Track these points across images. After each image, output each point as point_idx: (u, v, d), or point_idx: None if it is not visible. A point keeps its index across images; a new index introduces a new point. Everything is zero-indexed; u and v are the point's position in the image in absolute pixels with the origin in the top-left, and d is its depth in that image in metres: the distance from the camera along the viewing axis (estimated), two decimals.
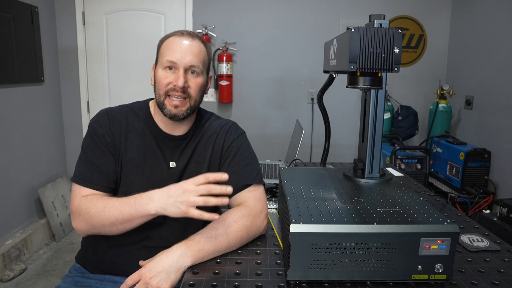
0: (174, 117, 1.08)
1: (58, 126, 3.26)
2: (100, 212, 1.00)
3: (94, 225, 1.03)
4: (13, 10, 2.57)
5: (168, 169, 1.12)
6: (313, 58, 3.27)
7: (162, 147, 1.13)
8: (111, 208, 1.00)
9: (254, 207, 1.05)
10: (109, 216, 0.99)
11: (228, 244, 0.97)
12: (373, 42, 0.82)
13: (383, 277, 0.80)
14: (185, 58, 1.06)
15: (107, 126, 1.10)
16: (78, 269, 1.18)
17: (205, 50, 1.12)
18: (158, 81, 1.09)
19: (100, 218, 1.00)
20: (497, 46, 2.75)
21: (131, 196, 0.99)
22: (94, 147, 1.09)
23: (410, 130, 3.19)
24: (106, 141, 1.08)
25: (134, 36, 3.22)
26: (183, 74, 1.06)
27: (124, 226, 1.01)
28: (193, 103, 1.10)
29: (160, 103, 1.09)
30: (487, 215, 2.05)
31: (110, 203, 1.01)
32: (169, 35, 1.11)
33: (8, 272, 2.35)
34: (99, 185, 1.07)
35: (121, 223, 0.99)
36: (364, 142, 1.10)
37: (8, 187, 2.59)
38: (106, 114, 1.12)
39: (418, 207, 0.88)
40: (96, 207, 1.01)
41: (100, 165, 1.07)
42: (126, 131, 1.11)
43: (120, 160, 1.10)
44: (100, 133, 1.09)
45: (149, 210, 0.95)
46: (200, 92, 1.11)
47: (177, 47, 1.07)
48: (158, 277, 0.86)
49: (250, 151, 1.19)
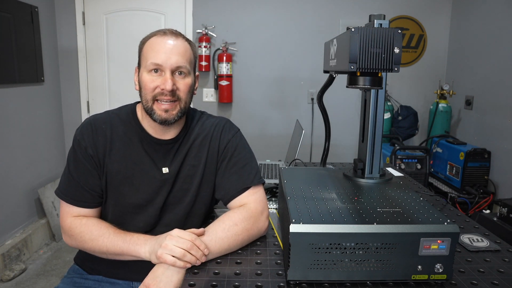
0: (164, 122, 1.03)
1: (58, 126, 3.26)
2: (94, 240, 1.00)
3: (85, 248, 1.04)
4: (13, 10, 2.57)
5: (161, 176, 1.08)
6: (313, 58, 3.27)
7: (151, 154, 1.08)
8: (106, 239, 0.99)
9: (255, 209, 1.04)
10: (101, 246, 0.99)
11: (229, 247, 0.96)
12: (373, 42, 0.82)
13: (383, 277, 0.80)
14: (171, 59, 1.00)
15: (90, 138, 1.05)
16: (76, 270, 1.18)
17: (190, 48, 1.06)
18: (144, 85, 1.02)
19: (92, 245, 1.01)
20: (497, 46, 2.75)
21: (129, 234, 0.99)
22: (76, 161, 1.06)
23: (410, 130, 3.19)
24: (88, 154, 1.05)
25: (134, 36, 3.19)
26: (170, 77, 1.00)
27: (114, 257, 1.01)
28: (183, 105, 1.05)
29: (148, 109, 1.03)
30: (487, 215, 2.06)
31: (106, 234, 1.00)
32: (151, 35, 1.05)
33: (8, 272, 2.35)
34: (85, 203, 1.06)
35: (112, 254, 1.00)
36: (364, 142, 1.10)
37: (8, 187, 2.59)
38: (90, 124, 1.08)
39: (418, 207, 0.88)
40: (91, 234, 1.01)
41: (82, 182, 1.05)
42: (111, 141, 1.06)
43: (105, 173, 1.06)
44: (83, 146, 1.05)
45: (140, 253, 0.95)
46: (189, 93, 1.06)
47: (161, 48, 1.01)
48: (161, 282, 0.86)
49: (246, 149, 1.15)
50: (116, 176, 1.07)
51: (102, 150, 1.06)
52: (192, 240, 0.87)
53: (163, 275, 0.86)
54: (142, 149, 1.08)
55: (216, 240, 0.94)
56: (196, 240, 0.88)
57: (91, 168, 1.05)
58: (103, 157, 1.06)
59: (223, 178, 1.11)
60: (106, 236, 1.00)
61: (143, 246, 0.95)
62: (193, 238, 0.88)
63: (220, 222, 0.99)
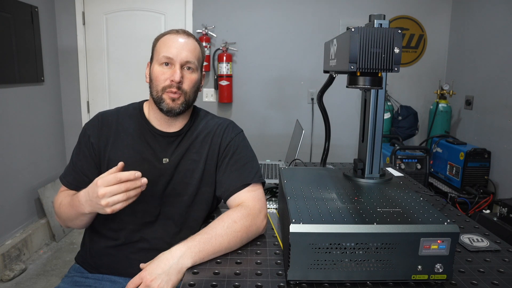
0: (171, 111, 1.09)
1: (58, 126, 3.26)
2: (58, 208, 1.11)
3: (60, 218, 1.13)
4: (13, 10, 2.57)
5: (160, 165, 1.12)
6: (313, 58, 3.27)
7: (153, 144, 1.14)
8: (63, 206, 1.09)
9: (253, 207, 1.05)
10: (63, 212, 1.09)
11: (228, 245, 0.96)
12: (373, 42, 0.82)
13: (383, 277, 0.80)
14: (181, 54, 1.08)
15: (96, 128, 1.14)
16: (77, 269, 1.18)
17: (199, 48, 1.15)
18: (155, 77, 1.10)
19: (59, 212, 1.11)
20: (497, 46, 2.75)
21: (74, 195, 1.05)
22: (78, 147, 1.16)
23: (410, 130, 3.19)
24: (90, 142, 1.13)
25: (134, 36, 3.22)
26: (179, 69, 1.08)
27: (78, 222, 1.08)
28: (188, 98, 1.11)
29: (157, 98, 1.10)
30: (487, 215, 2.06)
31: (64, 201, 1.09)
32: (165, 33, 1.14)
33: (8, 272, 2.35)
34: (78, 187, 1.10)
35: (73, 219, 1.08)
36: (364, 142, 1.10)
37: (8, 187, 2.59)
38: (98, 117, 1.17)
39: (418, 207, 0.88)
40: (57, 202, 1.13)
41: (78, 166, 1.14)
42: (116, 132, 1.14)
43: (106, 162, 1.12)
44: (87, 134, 1.15)
45: (83, 210, 0.99)
46: (194, 88, 1.13)
47: (173, 43, 1.10)
48: (159, 279, 0.86)
49: (248, 149, 1.19)
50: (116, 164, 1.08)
51: (104, 139, 1.13)
52: (117, 179, 0.89)
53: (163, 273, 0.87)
54: (145, 140, 1.14)
55: (216, 237, 0.95)
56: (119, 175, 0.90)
57: (89, 155, 1.13)
58: (104, 145, 1.13)
59: (224, 175, 1.13)
60: (63, 203, 1.09)
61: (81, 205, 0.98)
62: (117, 179, 0.89)
63: (220, 220, 1.00)
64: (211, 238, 0.94)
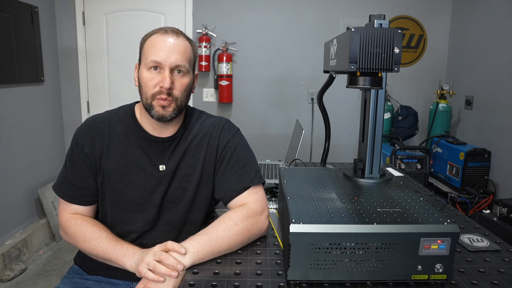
0: (162, 118, 1.04)
1: (58, 126, 3.26)
2: (86, 242, 1.04)
3: (78, 247, 1.09)
4: (13, 10, 2.57)
5: (157, 173, 1.09)
6: (313, 58, 3.27)
7: (148, 151, 1.09)
8: (97, 244, 1.02)
9: (255, 209, 1.04)
10: (93, 249, 1.03)
11: (229, 246, 0.96)
12: (373, 42, 0.82)
13: (383, 277, 0.80)
14: (171, 57, 1.01)
15: (88, 137, 1.08)
16: (76, 271, 1.18)
17: (190, 47, 1.07)
18: (144, 83, 1.03)
19: (85, 246, 1.05)
20: (497, 46, 2.75)
21: (120, 242, 1.02)
22: (72, 160, 1.09)
23: (410, 130, 3.19)
24: (84, 153, 1.07)
25: (134, 36, 3.20)
26: (169, 75, 1.01)
27: (104, 261, 1.05)
28: (179, 104, 1.05)
29: (147, 105, 1.04)
30: (487, 215, 2.06)
31: (98, 238, 1.03)
32: (152, 33, 1.05)
33: (8, 272, 2.35)
34: (78, 200, 1.09)
35: (101, 259, 1.04)
36: (364, 142, 1.10)
37: (8, 187, 2.59)
38: (89, 124, 1.10)
39: (418, 207, 0.88)
40: (84, 236, 1.04)
41: (76, 180, 1.08)
42: (109, 140, 1.08)
43: (102, 172, 1.08)
44: (80, 144, 1.08)
45: (127, 265, 0.98)
46: (185, 92, 1.06)
47: (162, 46, 1.01)
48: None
49: (246, 149, 1.15)
50: (114, 174, 1.08)
51: (99, 149, 1.08)
52: (167, 248, 0.91)
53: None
54: (139, 147, 1.09)
55: (217, 239, 0.94)
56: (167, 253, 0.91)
57: (85, 167, 1.08)
58: (99, 156, 1.08)
59: (223, 178, 1.11)
60: (98, 240, 1.02)
61: (130, 259, 0.97)
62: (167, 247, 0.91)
63: (221, 222, 0.99)
64: (211, 239, 0.94)
